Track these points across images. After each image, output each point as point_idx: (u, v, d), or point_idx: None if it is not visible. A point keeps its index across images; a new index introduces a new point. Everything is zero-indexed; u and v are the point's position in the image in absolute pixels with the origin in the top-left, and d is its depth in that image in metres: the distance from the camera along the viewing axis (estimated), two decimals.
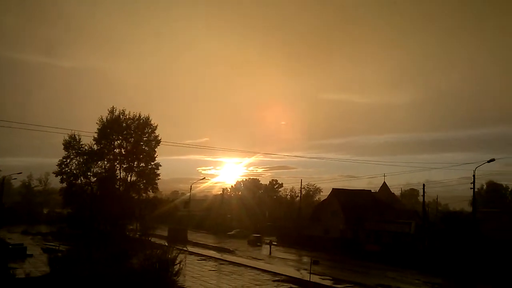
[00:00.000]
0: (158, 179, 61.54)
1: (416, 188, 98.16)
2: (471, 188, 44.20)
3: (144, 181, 61.05)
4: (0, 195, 62.07)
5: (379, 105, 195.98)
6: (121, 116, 59.13)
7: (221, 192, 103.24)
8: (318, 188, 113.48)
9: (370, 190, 71.53)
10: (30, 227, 65.67)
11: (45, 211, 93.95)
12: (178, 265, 26.66)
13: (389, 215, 58.56)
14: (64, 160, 58.33)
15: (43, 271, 27.32)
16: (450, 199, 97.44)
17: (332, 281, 32.21)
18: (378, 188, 79.68)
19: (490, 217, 50.67)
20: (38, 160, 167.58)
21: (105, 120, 58.84)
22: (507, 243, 40.16)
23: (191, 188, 76.68)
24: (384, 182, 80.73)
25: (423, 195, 52.63)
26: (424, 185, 52.86)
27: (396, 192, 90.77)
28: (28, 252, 38.34)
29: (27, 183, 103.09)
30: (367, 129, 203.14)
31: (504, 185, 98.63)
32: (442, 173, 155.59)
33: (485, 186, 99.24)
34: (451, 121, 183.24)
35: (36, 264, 32.74)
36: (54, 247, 41.52)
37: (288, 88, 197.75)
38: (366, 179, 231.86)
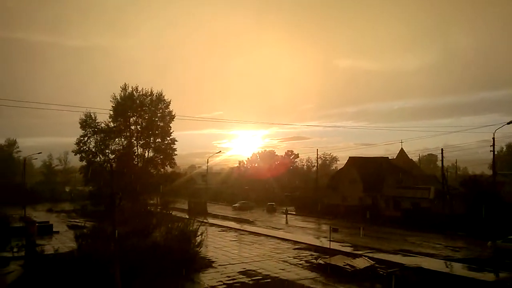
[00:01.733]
0: (175, 154, 62.13)
1: (434, 153, 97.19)
2: (490, 151, 43.51)
3: (162, 156, 61.72)
4: (23, 175, 63.57)
5: (394, 71, 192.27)
6: (134, 93, 59.27)
7: (237, 164, 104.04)
8: (334, 157, 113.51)
9: (388, 157, 71.06)
10: (54, 205, 67.49)
11: (67, 189, 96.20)
12: (200, 236, 27.21)
13: (408, 181, 58.33)
14: (82, 138, 59.10)
15: (70, 246, 28.16)
16: (469, 162, 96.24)
17: (352, 248, 32.48)
18: (396, 155, 79.02)
19: (511, 180, 49.98)
20: (57, 140, 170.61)
21: (118, 97, 59.09)
22: None
23: (207, 162, 77.38)
24: (402, 148, 79.97)
25: (442, 160, 52.05)
26: (442, 149, 52.12)
27: (414, 158, 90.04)
28: (54, 229, 39.54)
29: (47, 163, 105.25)
30: (382, 95, 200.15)
31: None
32: (460, 137, 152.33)
33: (505, 149, 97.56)
34: (468, 83, 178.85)
35: (63, 240, 33.78)
36: (79, 223, 42.69)
37: (300, 56, 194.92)
38: (382, 146, 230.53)
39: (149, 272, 21.68)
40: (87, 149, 59.11)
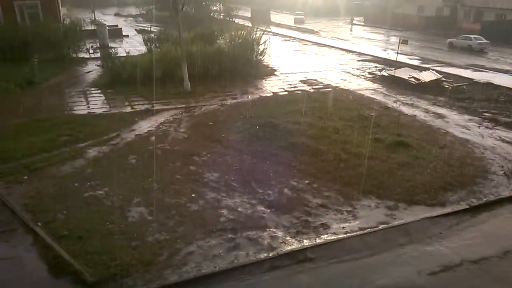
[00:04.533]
0: None
1: None
2: None
3: None
4: None
5: None
6: None
7: None
8: None
9: None
10: (120, 9, 68.55)
11: None
12: (262, 45, 27.08)
13: None
14: None
15: (140, 50, 29.53)
16: None
17: (420, 61, 31.21)
18: None
19: None
20: None
21: None
22: None
23: None
24: None
25: None
26: None
27: None
28: (124, 33, 40.96)
29: None
30: None
31: None
32: None
33: None
34: None
35: (133, 43, 35.24)
36: (146, 28, 43.75)
37: None
38: None
39: (214, 76, 22.72)
40: None
